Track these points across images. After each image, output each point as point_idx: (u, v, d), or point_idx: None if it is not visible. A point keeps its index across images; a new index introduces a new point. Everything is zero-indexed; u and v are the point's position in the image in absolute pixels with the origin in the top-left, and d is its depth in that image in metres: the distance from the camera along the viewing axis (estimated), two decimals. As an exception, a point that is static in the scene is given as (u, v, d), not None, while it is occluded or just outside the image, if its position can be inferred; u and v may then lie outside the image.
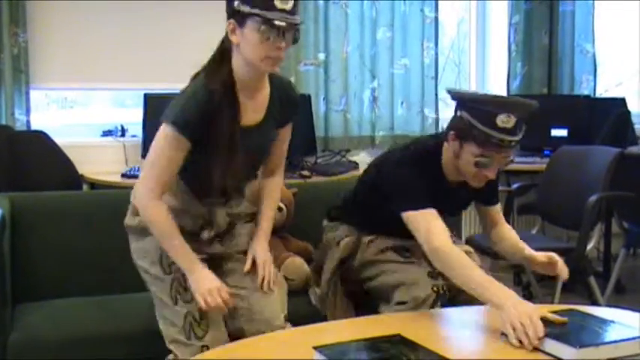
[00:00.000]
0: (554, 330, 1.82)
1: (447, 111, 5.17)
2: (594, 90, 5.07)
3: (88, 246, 2.79)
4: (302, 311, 2.55)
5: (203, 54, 4.46)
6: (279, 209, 2.81)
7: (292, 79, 4.32)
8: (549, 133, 4.80)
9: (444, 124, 4.88)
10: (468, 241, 3.77)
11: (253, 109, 2.16)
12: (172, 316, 2.14)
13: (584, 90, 5.05)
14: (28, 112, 3.82)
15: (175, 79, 4.16)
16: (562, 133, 4.77)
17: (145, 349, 2.39)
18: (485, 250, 3.66)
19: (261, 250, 2.27)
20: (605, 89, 5.31)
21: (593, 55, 5.04)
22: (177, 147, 2.05)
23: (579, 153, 3.87)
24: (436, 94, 4.72)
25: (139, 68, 4.11)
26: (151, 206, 2.07)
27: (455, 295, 2.32)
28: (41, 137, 3.58)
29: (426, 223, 2.16)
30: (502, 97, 2.42)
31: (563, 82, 5.13)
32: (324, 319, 2.44)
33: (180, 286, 2.14)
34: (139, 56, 4.10)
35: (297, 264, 2.68)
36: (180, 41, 4.17)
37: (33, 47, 3.87)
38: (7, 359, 2.30)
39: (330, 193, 3.15)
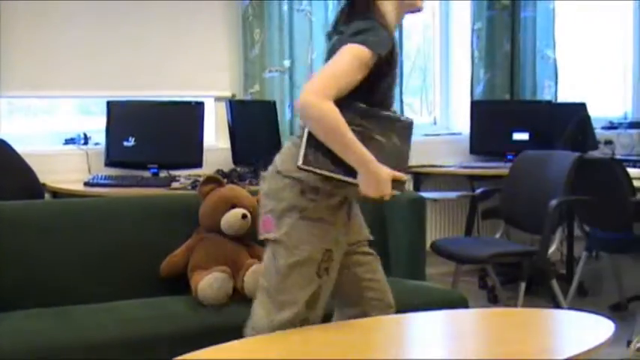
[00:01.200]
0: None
1: (413, 116, 5.21)
2: (556, 95, 5.14)
3: (50, 256, 2.76)
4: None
5: (165, 61, 4.47)
6: (244, 216, 2.81)
7: (257, 86, 4.32)
8: (511, 137, 4.87)
9: (408, 129, 4.92)
10: (432, 246, 3.80)
11: None
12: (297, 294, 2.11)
13: (546, 95, 5.12)
14: (-11, 120, 3.77)
15: (137, 86, 4.17)
16: (523, 137, 4.84)
17: (108, 358, 2.37)
18: (450, 254, 3.70)
19: None
20: (565, 95, 5.39)
21: (554, 61, 5.12)
22: (364, 65, 2.03)
23: (540, 157, 3.93)
24: (401, 100, 4.75)
25: (102, 75, 4.07)
26: (326, 102, 1.98)
27: None
28: (1, 146, 3.53)
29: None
30: None
31: (525, 88, 5.19)
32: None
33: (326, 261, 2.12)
34: (102, 63, 4.07)
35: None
36: (143, 48, 4.15)
37: (-6, 55, 3.82)
38: (-34, 372, 2.27)
39: (294, 200, 3.17)
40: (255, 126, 4.12)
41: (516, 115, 4.92)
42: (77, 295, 2.75)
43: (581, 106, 4.67)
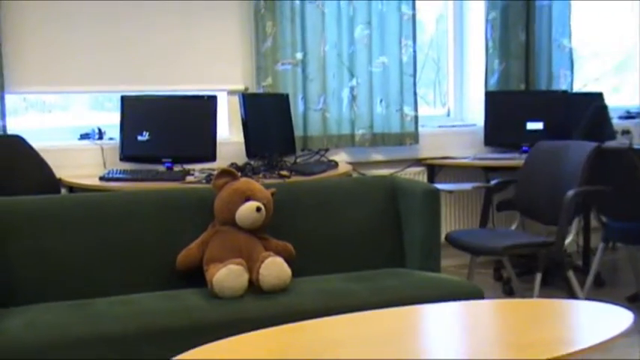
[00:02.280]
0: None
1: (426, 108, 5.20)
2: (572, 85, 5.10)
3: (67, 250, 2.78)
4: (282, 312, 2.56)
5: (178, 55, 4.49)
6: (258, 209, 2.81)
7: (270, 79, 4.32)
8: (525, 127, 4.84)
9: (423, 121, 4.92)
10: (447, 237, 3.79)
11: None
12: None
13: (562, 85, 5.09)
14: (3, 116, 3.78)
15: (151, 80, 4.18)
16: (538, 126, 4.81)
17: (125, 352, 2.38)
18: (465, 246, 3.69)
19: None
20: (583, 84, 5.35)
21: (570, 50, 5.08)
22: None
23: (557, 148, 3.90)
24: (415, 92, 4.73)
25: (116, 70, 4.09)
26: None
27: None
28: (17, 141, 3.55)
29: None
30: None
31: (540, 78, 5.16)
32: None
33: None
34: (115, 59, 4.08)
35: (278, 263, 2.68)
36: (156, 43, 4.16)
37: (7, 51, 3.84)
38: (-14, 365, 2.29)
39: (308, 193, 3.17)
40: (268, 119, 4.12)
41: (531, 106, 4.88)
42: (94, 288, 2.77)
43: (598, 96, 4.63)
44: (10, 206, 2.78)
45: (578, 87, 5.18)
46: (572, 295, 3.66)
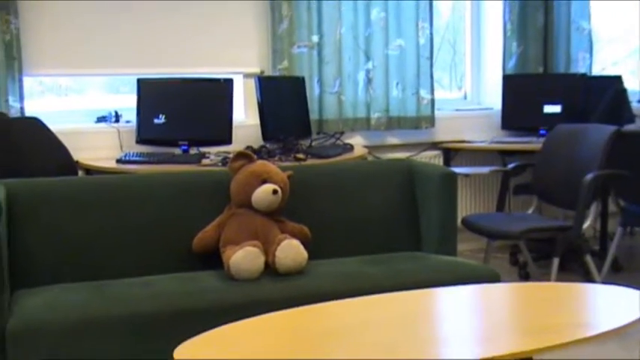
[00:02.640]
0: None
1: (442, 92, 5.17)
2: (590, 68, 5.05)
3: (84, 231, 2.79)
4: (297, 294, 2.57)
5: (194, 39, 4.48)
6: (274, 192, 2.81)
7: (286, 62, 4.31)
8: (542, 111, 4.80)
9: (439, 105, 4.89)
10: (464, 221, 3.77)
11: None
12: None
13: (581, 68, 5.04)
14: (21, 98, 3.80)
15: (167, 63, 4.18)
16: (555, 109, 4.77)
17: (142, 333, 2.39)
18: (482, 230, 3.67)
19: None
20: (602, 68, 5.30)
21: (590, 33, 5.02)
22: None
23: (575, 131, 3.87)
24: (431, 75, 4.70)
25: (132, 53, 4.09)
26: None
27: None
28: (36, 123, 3.57)
29: None
30: None
31: (559, 61, 5.11)
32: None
33: None
34: (131, 42, 4.08)
35: (294, 246, 2.68)
36: (172, 26, 4.16)
37: (25, 34, 3.85)
38: (5, 345, 2.30)
39: (324, 176, 3.16)
40: (284, 102, 4.11)
41: (549, 89, 4.84)
42: (111, 270, 2.79)
43: (617, 79, 4.59)
44: (28, 188, 2.80)
45: (597, 70, 5.13)
46: (590, 280, 3.64)
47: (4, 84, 3.75)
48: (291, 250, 2.67)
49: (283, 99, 4.12)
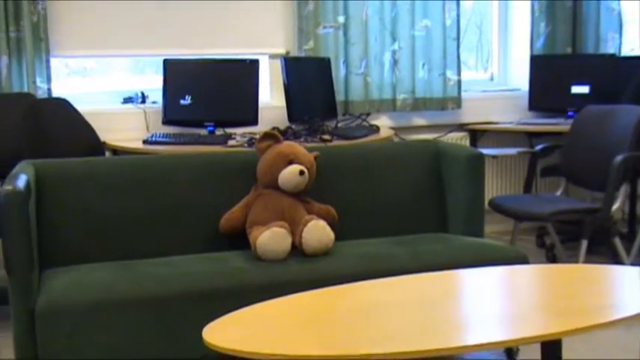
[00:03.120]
0: None
1: (468, 73, 5.12)
2: (620, 48, 4.98)
3: (111, 211, 2.81)
4: (324, 275, 2.57)
5: (219, 20, 4.47)
6: (301, 172, 2.81)
7: (311, 43, 4.29)
8: (570, 91, 4.74)
9: (466, 86, 4.85)
10: (491, 203, 3.75)
11: None
12: None
13: (610, 49, 4.96)
14: (49, 80, 3.83)
15: (193, 44, 4.18)
16: (584, 90, 4.71)
17: (168, 313, 2.41)
18: (509, 212, 3.65)
19: None
20: (631, 48, 5.21)
21: (619, 13, 4.94)
22: None
23: (605, 112, 3.82)
24: (458, 56, 4.66)
25: (158, 34, 4.10)
26: None
27: None
28: (63, 105, 3.59)
29: None
30: None
31: (587, 41, 5.04)
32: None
33: None
34: (157, 23, 4.09)
35: (320, 227, 2.68)
36: (197, 6, 4.15)
37: (52, 15, 3.87)
38: (34, 324, 2.34)
39: (350, 157, 3.15)
40: (309, 83, 4.10)
41: (577, 70, 4.78)
42: (138, 250, 2.81)
43: (647, 60, 4.51)
44: (56, 168, 2.82)
45: (626, 51, 5.05)
46: (618, 262, 3.61)
47: (32, 65, 3.77)
48: (317, 231, 2.67)
49: (309, 80, 4.11)
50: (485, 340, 1.67)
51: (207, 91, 3.93)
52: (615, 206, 3.57)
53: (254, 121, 3.95)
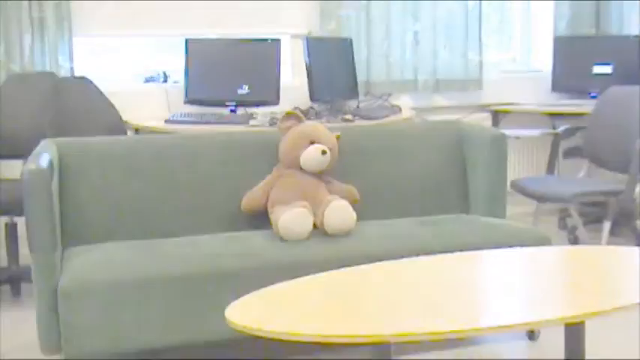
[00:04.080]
0: None
1: (491, 54, 5.08)
2: (644, 29, 4.91)
3: (133, 190, 2.83)
4: (345, 255, 2.57)
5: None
6: (323, 152, 2.81)
7: (333, 24, 4.27)
8: (592, 72, 4.69)
9: (487, 67, 4.81)
10: (513, 184, 3.73)
11: None
12: None
13: (634, 30, 4.90)
14: (71, 59, 3.84)
15: (216, 23, 4.17)
16: (606, 70, 4.65)
17: (191, 292, 2.43)
18: (531, 193, 3.63)
19: None
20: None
21: (645, -7, 4.87)
22: None
23: (628, 93, 3.77)
24: (480, 37, 4.62)
25: (180, 14, 4.09)
26: None
27: None
28: (85, 83, 3.61)
29: None
30: None
31: (611, 23, 4.97)
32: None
33: None
34: (179, 2, 4.08)
35: (343, 207, 2.68)
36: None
37: (74, -5, 3.88)
38: (57, 301, 2.36)
39: (372, 137, 3.14)
40: (331, 63, 4.08)
41: (601, 51, 4.72)
42: (159, 229, 2.83)
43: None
44: (79, 147, 2.84)
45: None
46: (641, 245, 3.58)
47: (55, 44, 3.78)
48: (339, 211, 2.66)
49: (331, 60, 4.09)
50: (508, 322, 1.66)
51: (229, 70, 3.93)
52: (638, 188, 3.54)
53: (276, 101, 3.94)
